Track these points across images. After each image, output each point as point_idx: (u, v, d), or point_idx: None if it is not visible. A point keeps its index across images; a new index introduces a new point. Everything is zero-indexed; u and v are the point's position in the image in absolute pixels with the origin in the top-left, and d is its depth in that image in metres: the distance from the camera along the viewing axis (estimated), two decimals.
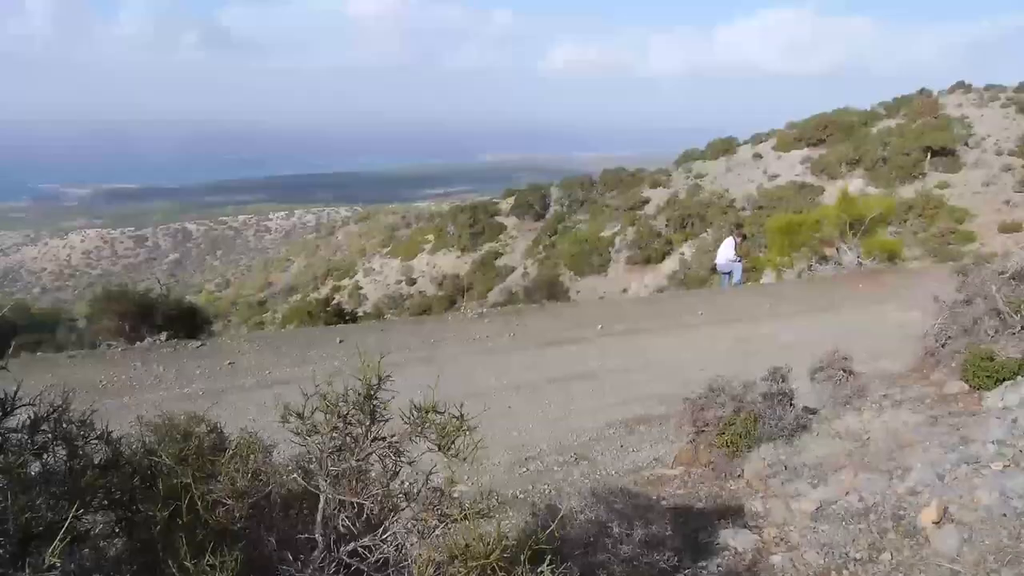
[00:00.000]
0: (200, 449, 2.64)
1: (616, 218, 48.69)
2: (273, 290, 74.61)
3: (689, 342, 14.47)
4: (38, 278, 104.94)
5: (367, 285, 56.00)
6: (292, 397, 8.86)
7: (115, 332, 14.24)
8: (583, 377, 12.64)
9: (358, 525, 2.49)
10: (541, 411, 10.98)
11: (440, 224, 61.91)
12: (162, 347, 13.49)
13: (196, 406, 10.54)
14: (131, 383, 11.93)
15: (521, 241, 54.11)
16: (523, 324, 15.42)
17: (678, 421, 7.32)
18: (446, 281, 51.48)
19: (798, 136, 51.10)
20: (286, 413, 2.48)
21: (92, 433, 2.36)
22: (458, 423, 2.43)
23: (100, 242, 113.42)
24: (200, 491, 2.34)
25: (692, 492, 6.02)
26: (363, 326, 16.70)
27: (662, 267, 41.63)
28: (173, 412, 3.70)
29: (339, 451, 2.49)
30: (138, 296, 14.75)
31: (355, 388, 2.55)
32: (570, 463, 9.39)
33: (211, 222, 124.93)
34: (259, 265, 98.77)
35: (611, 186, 58.33)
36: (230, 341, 14.48)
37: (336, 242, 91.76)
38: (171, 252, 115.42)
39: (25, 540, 1.81)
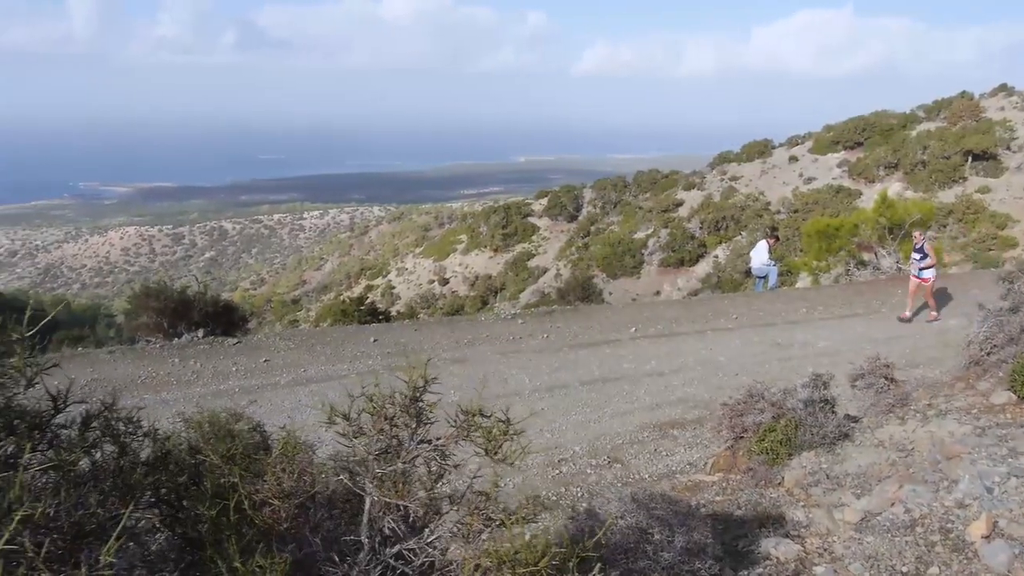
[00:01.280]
0: (246, 448, 2.63)
1: (649, 220, 48.43)
2: (307, 288, 75.23)
3: (724, 346, 14.33)
4: (78, 274, 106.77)
5: (399, 284, 56.23)
6: (327, 395, 8.92)
7: (153, 328, 14.41)
8: (616, 379, 12.56)
9: (403, 528, 2.46)
10: (574, 413, 10.92)
11: (473, 224, 62.00)
12: (199, 344, 13.64)
13: (232, 403, 10.67)
14: (169, 379, 12.07)
15: (554, 242, 54.00)
16: (556, 325, 15.37)
17: (715, 426, 7.22)
18: (478, 281, 51.52)
19: (835, 139, 50.53)
20: (332, 414, 2.46)
21: (139, 430, 2.36)
22: (504, 427, 2.39)
23: (139, 239, 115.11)
24: (247, 490, 2.33)
25: (731, 499, 5.93)
26: (396, 325, 16.73)
27: (695, 270, 41.36)
28: (214, 409, 3.71)
29: (385, 453, 2.46)
30: (176, 293, 14.88)
31: (401, 390, 2.52)
32: (603, 466, 9.33)
33: (247, 220, 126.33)
34: (293, 263, 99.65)
35: (644, 188, 58.08)
36: (265, 338, 14.59)
37: (369, 241, 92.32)
38: (207, 250, 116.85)
39: (78, 537, 1.81)
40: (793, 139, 55.17)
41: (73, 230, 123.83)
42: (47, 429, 1.98)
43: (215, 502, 2.25)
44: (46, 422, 1.97)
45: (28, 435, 1.90)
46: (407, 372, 2.53)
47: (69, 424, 2.13)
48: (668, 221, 46.24)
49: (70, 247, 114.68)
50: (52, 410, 2.00)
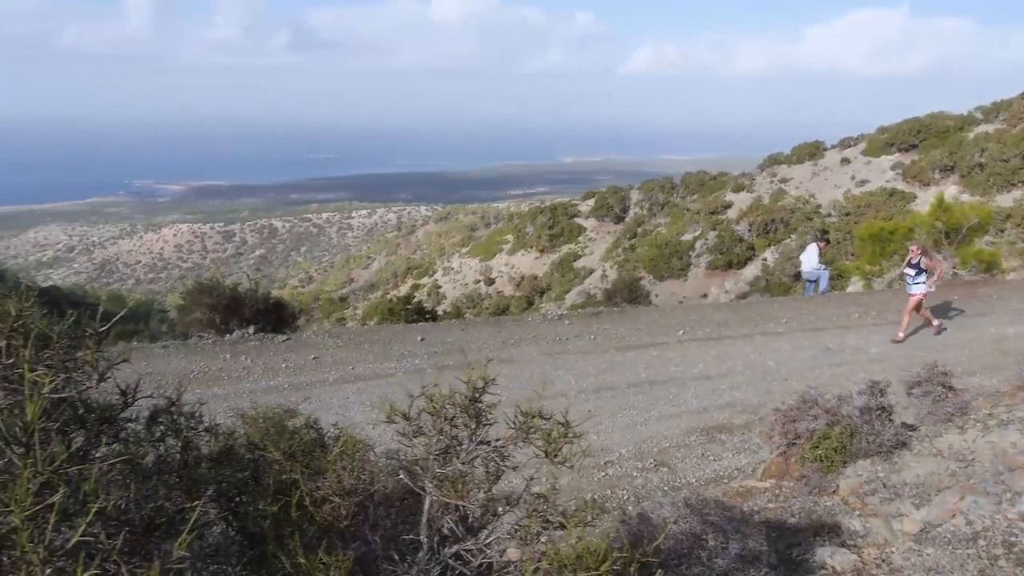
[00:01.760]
0: (307, 445, 2.65)
1: (697, 222, 47.98)
2: (354, 287, 75.95)
3: (773, 350, 14.14)
4: (133, 270, 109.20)
5: (445, 284, 56.49)
6: (375, 393, 8.97)
7: (206, 324, 14.66)
8: (664, 382, 12.47)
9: (461, 528, 2.46)
10: (620, 415, 10.86)
11: (519, 225, 62.02)
12: (250, 340, 13.82)
13: (283, 399, 10.79)
14: (220, 374, 12.25)
15: (600, 243, 53.80)
16: (603, 327, 15.30)
17: (766, 432, 7.12)
18: (524, 282, 51.55)
19: (889, 141, 49.52)
20: (392, 413, 2.46)
21: (200, 425, 2.40)
22: (563, 429, 2.38)
23: (191, 236, 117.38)
24: (307, 487, 2.35)
25: (784, 506, 5.83)
26: (443, 325, 16.80)
27: (743, 273, 40.88)
28: (268, 405, 3.75)
29: (445, 453, 2.46)
30: (228, 290, 15.12)
31: (460, 390, 2.52)
32: (649, 469, 9.27)
33: (296, 219, 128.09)
34: (341, 262, 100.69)
35: (692, 189, 57.57)
36: (314, 336, 14.74)
37: (416, 241, 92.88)
38: (257, 247, 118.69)
39: (149, 530, 1.84)
40: (845, 141, 54.20)
41: (128, 227, 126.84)
42: (115, 423, 2.02)
43: (277, 498, 2.27)
44: (115, 416, 2.02)
45: (98, 429, 1.94)
46: (466, 372, 2.53)
47: (134, 418, 2.17)
48: (716, 223, 45.77)
49: (125, 243, 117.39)
50: (121, 404, 2.04)
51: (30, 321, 1.91)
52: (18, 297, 1.94)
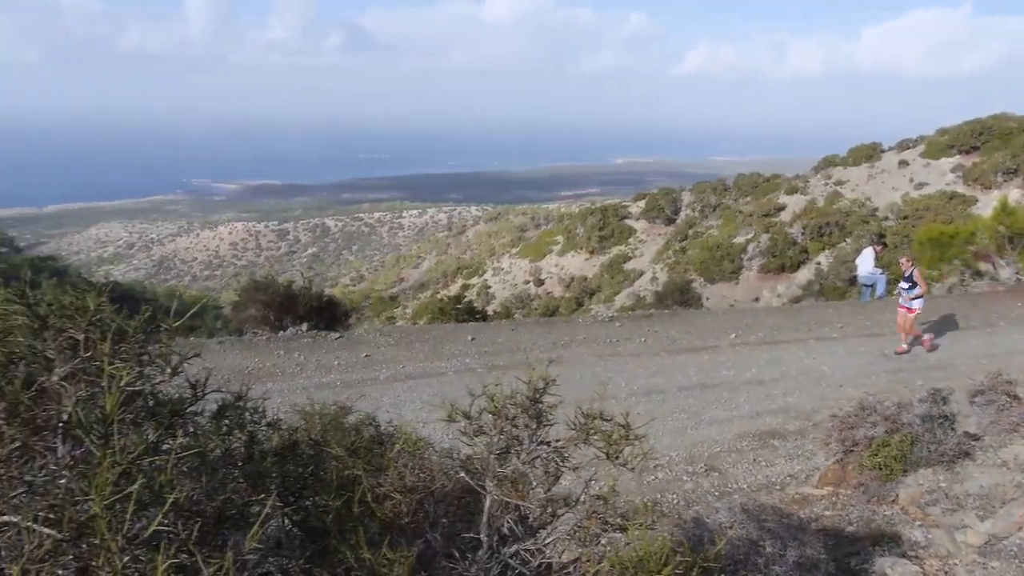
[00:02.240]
0: (368, 442, 2.69)
1: (749, 224, 47.35)
2: (404, 286, 76.52)
3: (827, 356, 13.91)
4: (189, 267, 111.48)
5: (495, 284, 56.59)
6: (426, 392, 9.02)
7: (260, 321, 14.91)
8: (715, 386, 12.36)
9: (520, 528, 2.47)
10: (671, 419, 10.79)
11: (569, 226, 61.87)
12: (303, 337, 14.02)
13: (335, 395, 10.93)
14: (274, 370, 12.45)
15: (650, 245, 53.42)
16: (654, 329, 15.21)
17: (823, 438, 7.00)
18: (573, 283, 51.42)
19: (949, 143, 48.30)
20: (453, 412, 2.48)
21: (263, 419, 2.45)
22: (624, 431, 2.38)
23: (246, 234, 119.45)
24: (369, 484, 2.38)
25: (841, 514, 5.73)
26: (493, 325, 16.85)
27: (796, 276, 40.23)
28: (325, 402, 3.81)
29: (505, 453, 2.47)
30: (282, 287, 15.37)
31: (521, 390, 2.53)
32: (700, 474, 9.20)
33: (348, 218, 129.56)
34: (392, 261, 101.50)
35: (745, 191, 56.82)
36: (366, 334, 14.89)
37: (466, 241, 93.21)
38: (310, 246, 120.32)
39: (220, 522, 1.88)
40: (904, 143, 53.00)
41: (185, 224, 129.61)
42: (185, 416, 2.07)
43: (339, 494, 2.31)
44: (185, 409, 2.07)
45: (169, 421, 1.99)
46: (526, 372, 2.54)
47: (200, 412, 2.22)
48: (769, 226, 45.12)
49: (182, 240, 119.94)
50: (192, 398, 2.09)
51: (106, 316, 1.97)
52: (95, 293, 2.00)
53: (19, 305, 1.95)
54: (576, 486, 2.81)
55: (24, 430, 1.79)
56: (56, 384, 1.91)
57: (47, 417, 1.85)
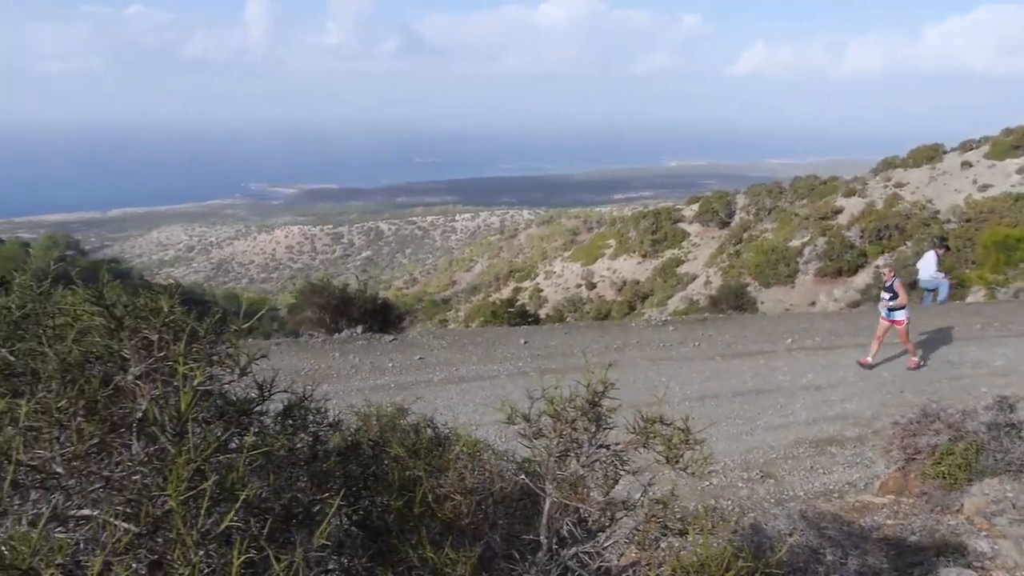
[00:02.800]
0: (428, 443, 2.73)
1: (806, 227, 46.58)
2: (456, 289, 76.92)
3: (887, 361, 13.63)
4: (247, 269, 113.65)
5: (547, 287, 56.55)
6: (479, 394, 9.07)
7: (316, 323, 15.15)
8: (771, 392, 12.21)
9: (579, 531, 2.48)
10: (725, 424, 10.69)
11: (621, 229, 61.60)
12: (358, 339, 14.19)
13: (389, 397, 11.05)
14: (330, 372, 12.63)
15: (704, 249, 52.90)
16: (708, 334, 15.07)
17: (885, 446, 6.87)
18: (626, 287, 51.17)
19: (1015, 143, 46.91)
20: (513, 414, 2.51)
21: (324, 420, 2.50)
22: (684, 435, 2.38)
23: (301, 238, 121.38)
24: (430, 484, 2.42)
25: (903, 523, 5.61)
26: (545, 328, 16.86)
27: (854, 280, 39.45)
28: (381, 404, 3.86)
29: (564, 455, 2.49)
30: (338, 290, 15.59)
31: (580, 394, 2.54)
32: (755, 480, 9.10)
33: (401, 222, 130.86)
34: (444, 264, 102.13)
35: (801, 194, 55.89)
36: (419, 337, 15.02)
37: (518, 244, 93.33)
38: (364, 249, 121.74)
39: (287, 519, 1.93)
40: (967, 143, 51.64)
41: (243, 228, 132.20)
42: (252, 415, 2.13)
43: (401, 494, 2.35)
44: (252, 409, 2.13)
45: (237, 420, 2.05)
46: (585, 376, 2.55)
47: (264, 411, 2.28)
48: (826, 229, 44.33)
49: (240, 244, 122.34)
50: (258, 398, 2.15)
51: (179, 318, 2.04)
52: (168, 295, 2.08)
53: (97, 306, 2.03)
54: (632, 490, 2.81)
55: (102, 427, 1.86)
56: (131, 383, 1.98)
57: (123, 415, 1.93)
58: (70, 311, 2.10)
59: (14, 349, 2.19)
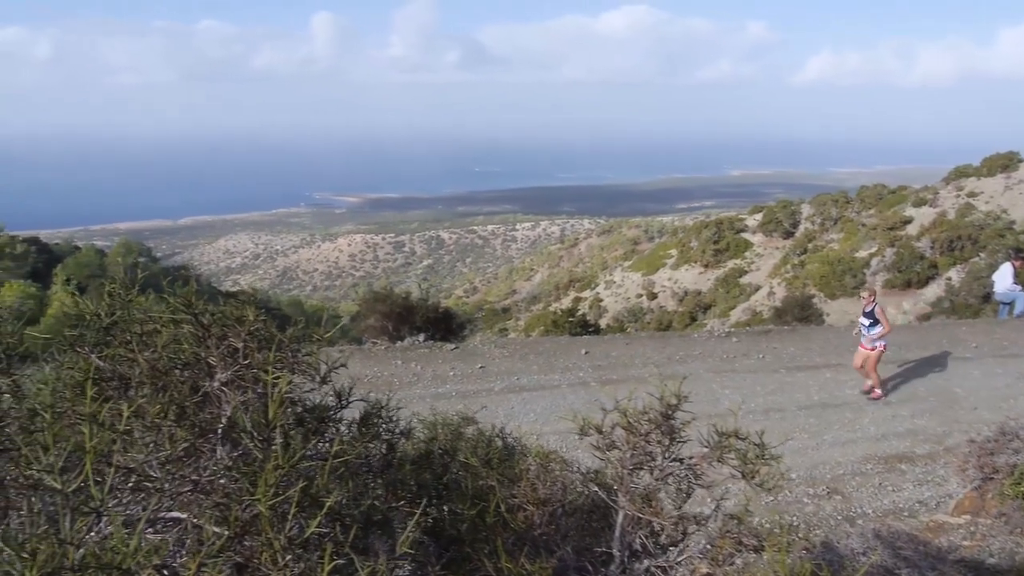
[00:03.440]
0: (501, 453, 2.75)
1: (873, 238, 45.54)
2: (516, 298, 77.06)
3: (961, 377, 13.25)
4: (311, 277, 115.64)
5: (607, 297, 56.26)
6: (539, 404, 9.07)
7: (379, 331, 15.32)
8: (838, 406, 11.97)
9: (652, 544, 2.47)
10: (790, 439, 10.49)
11: (683, 239, 61.00)
12: (420, 347, 14.31)
13: (450, 406, 11.14)
14: (392, 380, 12.76)
15: (767, 259, 52.05)
16: (772, 346, 14.83)
17: (960, 464, 6.68)
18: (687, 297, 50.65)
19: None
20: (585, 425, 2.52)
21: (396, 428, 2.54)
22: (760, 450, 2.35)
23: (364, 246, 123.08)
24: (503, 494, 2.44)
25: (981, 545, 5.44)
26: (606, 338, 16.77)
27: (924, 292, 38.41)
28: (445, 413, 3.90)
29: (638, 468, 2.49)
30: (401, 298, 15.75)
31: (654, 407, 2.54)
32: (821, 496, 8.93)
33: (462, 231, 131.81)
34: (504, 273, 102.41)
35: (869, 204, 54.64)
36: (481, 345, 15.08)
37: (579, 254, 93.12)
38: (425, 258, 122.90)
39: (367, 526, 1.97)
40: None
41: (308, 236, 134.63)
42: (330, 423, 2.18)
43: (474, 503, 2.37)
44: (330, 417, 2.18)
45: (316, 427, 2.10)
46: (659, 388, 2.55)
47: (339, 419, 2.33)
48: (894, 239, 43.27)
49: (304, 252, 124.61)
50: (336, 405, 2.20)
51: (263, 326, 2.11)
52: (253, 304, 2.14)
53: (186, 314, 2.10)
54: (700, 504, 2.79)
55: (192, 432, 1.93)
56: (217, 389, 2.05)
57: (210, 420, 1.99)
58: (160, 319, 2.18)
59: (103, 355, 2.28)
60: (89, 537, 1.52)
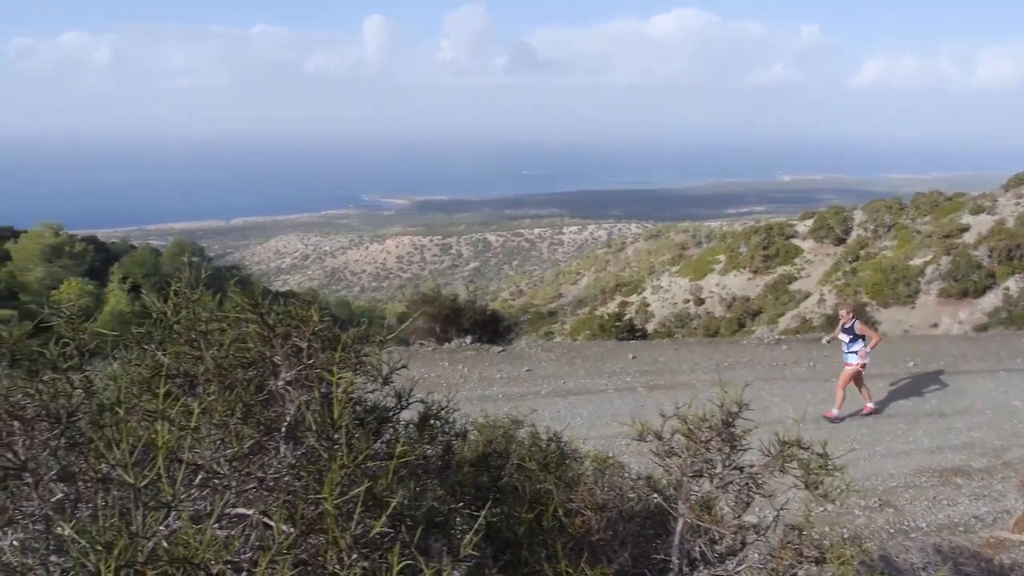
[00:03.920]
0: (558, 457, 2.75)
1: (928, 245, 44.58)
2: (562, 301, 76.96)
3: (1020, 389, 12.93)
4: (359, 278, 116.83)
5: (654, 302, 55.87)
6: (586, 408, 9.04)
7: (427, 332, 15.43)
8: (891, 416, 11.76)
9: (711, 553, 2.46)
10: (842, 449, 10.29)
11: (732, 244, 60.34)
12: (467, 349, 14.37)
13: (497, 408, 11.16)
14: (439, 381, 12.83)
15: (818, 266, 51.22)
16: (823, 354, 14.60)
17: (1019, 479, 6.51)
18: (735, 303, 50.09)
19: None
20: (643, 431, 2.51)
21: (452, 429, 2.56)
22: (822, 460, 2.32)
23: (411, 248, 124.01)
24: (560, 498, 2.44)
25: None
26: (654, 343, 16.67)
27: (981, 302, 37.48)
28: (497, 415, 3.91)
29: (698, 476, 2.47)
30: (449, 300, 15.85)
31: (714, 413, 2.52)
32: (873, 509, 8.76)
33: (509, 234, 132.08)
34: (551, 277, 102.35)
35: (924, 210, 53.48)
36: (528, 348, 15.09)
37: (625, 258, 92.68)
38: (472, 260, 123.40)
39: (429, 527, 1.99)
40: None
41: (356, 238, 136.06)
42: (390, 423, 2.21)
43: (532, 507, 2.37)
44: (390, 417, 2.20)
45: (376, 428, 2.13)
46: (719, 395, 2.53)
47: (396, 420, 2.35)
48: (950, 247, 42.30)
49: (352, 253, 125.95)
50: (396, 406, 2.22)
51: (327, 327, 2.14)
52: (317, 305, 2.17)
53: (253, 314, 2.15)
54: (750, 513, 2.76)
55: (258, 430, 1.97)
56: (281, 388, 2.09)
57: (274, 419, 2.03)
58: (225, 318, 2.23)
59: (167, 352, 2.33)
60: (158, 531, 1.56)
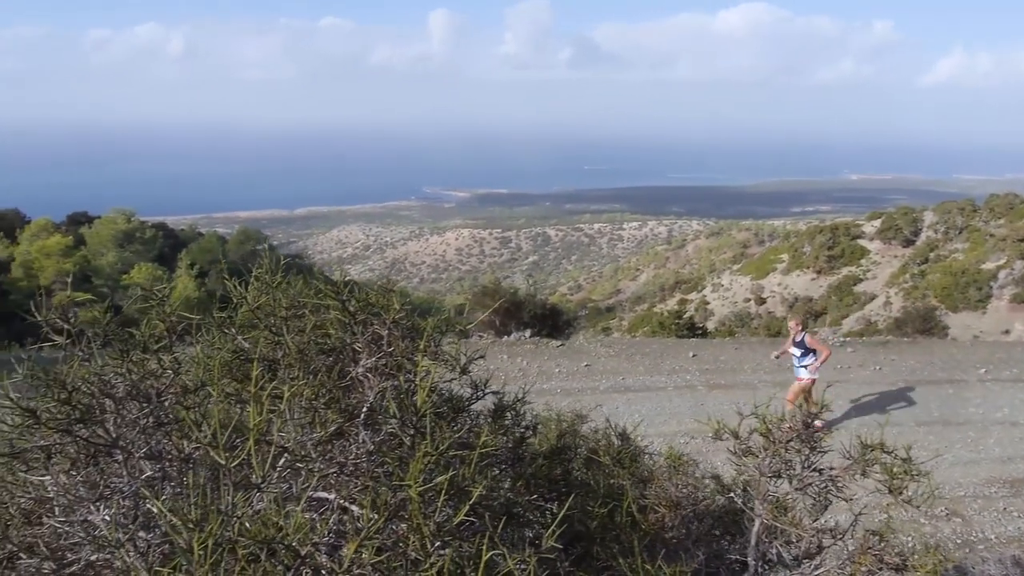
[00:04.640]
0: (632, 453, 2.75)
1: (1002, 249, 43.20)
2: (620, 298, 76.53)
3: None
4: (418, 269, 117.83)
5: (714, 301, 55.20)
6: (644, 405, 8.99)
7: (486, 325, 15.50)
8: (960, 424, 11.45)
9: (788, 555, 2.43)
10: (940, 454, 10.07)
11: (795, 243, 59.25)
12: (526, 343, 14.40)
13: (555, 403, 11.15)
14: (497, 374, 12.84)
15: (885, 268, 50.01)
16: (890, 358, 14.29)
17: None
18: (797, 303, 49.20)
19: None
20: (720, 430, 2.49)
21: (523, 421, 2.57)
22: (906, 465, 2.28)
23: (471, 241, 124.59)
24: (634, 495, 2.43)
25: None
26: (715, 342, 16.49)
27: None
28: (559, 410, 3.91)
29: (777, 476, 2.44)
30: (509, 293, 15.89)
31: (794, 414, 2.49)
32: (939, 518, 8.57)
33: (569, 228, 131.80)
34: (609, 272, 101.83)
35: (998, 213, 51.80)
36: (586, 343, 15.06)
37: (686, 255, 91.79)
38: (531, 254, 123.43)
39: (509, 518, 2.00)
40: None
41: (417, 229, 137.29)
42: (466, 413, 2.23)
43: (606, 502, 2.37)
44: (466, 407, 2.22)
45: (452, 417, 2.15)
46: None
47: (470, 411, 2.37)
48: None
49: (413, 244, 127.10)
50: (472, 396, 2.24)
51: (406, 316, 2.17)
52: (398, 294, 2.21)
53: (335, 301, 2.19)
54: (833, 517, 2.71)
55: (341, 415, 2.00)
56: (361, 375, 2.12)
57: (355, 404, 2.07)
58: (306, 304, 2.28)
59: (248, 337, 2.39)
60: (245, 512, 1.60)
